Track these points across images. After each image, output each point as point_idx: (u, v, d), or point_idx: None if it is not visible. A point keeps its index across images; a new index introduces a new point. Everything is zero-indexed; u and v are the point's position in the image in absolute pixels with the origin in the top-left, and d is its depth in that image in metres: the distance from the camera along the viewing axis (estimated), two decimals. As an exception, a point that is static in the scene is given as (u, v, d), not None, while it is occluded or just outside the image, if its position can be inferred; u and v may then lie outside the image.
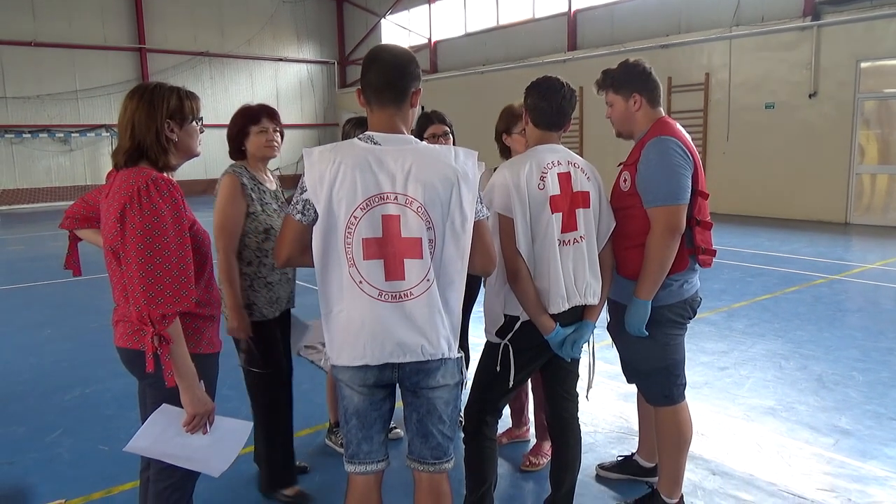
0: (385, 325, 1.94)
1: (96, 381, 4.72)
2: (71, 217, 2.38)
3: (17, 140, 19.62)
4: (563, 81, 2.58)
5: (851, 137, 11.69)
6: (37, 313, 6.91)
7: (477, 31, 19.86)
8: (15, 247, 12.27)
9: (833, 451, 3.46)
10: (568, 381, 2.74)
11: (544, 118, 2.57)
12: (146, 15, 21.47)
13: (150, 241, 1.90)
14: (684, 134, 2.67)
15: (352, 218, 1.92)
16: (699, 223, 2.65)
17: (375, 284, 1.94)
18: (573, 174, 2.52)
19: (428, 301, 1.97)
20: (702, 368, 4.70)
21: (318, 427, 3.88)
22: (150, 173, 1.99)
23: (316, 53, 25.32)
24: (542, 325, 2.48)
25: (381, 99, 2.01)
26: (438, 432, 2.09)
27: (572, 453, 2.75)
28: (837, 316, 5.99)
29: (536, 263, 2.48)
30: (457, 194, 1.97)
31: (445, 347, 2.02)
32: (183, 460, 2.10)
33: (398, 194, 1.93)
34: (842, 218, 11.92)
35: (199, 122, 2.18)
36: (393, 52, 2.05)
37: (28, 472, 3.44)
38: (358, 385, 2.03)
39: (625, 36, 15.39)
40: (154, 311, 1.87)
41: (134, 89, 2.10)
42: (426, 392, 2.06)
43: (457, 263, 2.01)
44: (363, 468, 2.09)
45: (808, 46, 12.05)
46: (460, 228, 1.99)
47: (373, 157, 1.94)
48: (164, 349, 1.89)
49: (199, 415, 2.04)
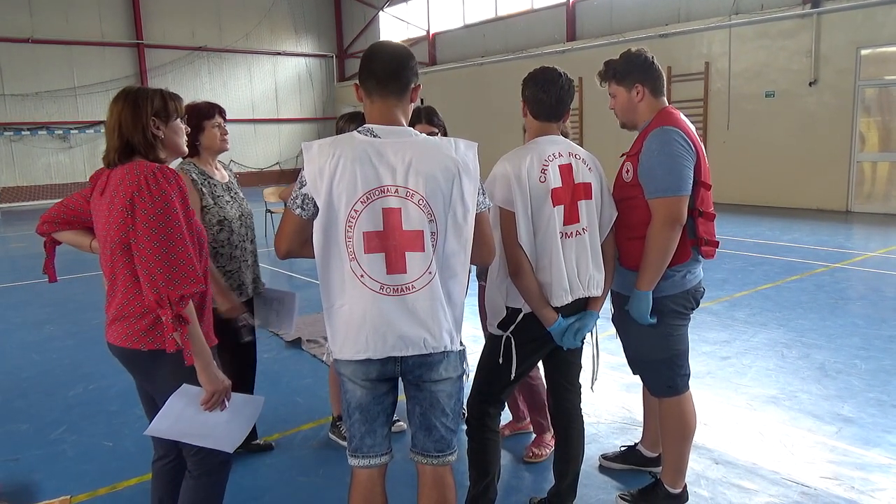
0: (387, 318, 1.94)
1: (99, 378, 4.73)
2: (49, 221, 2.32)
3: (17, 138, 19.58)
4: (561, 71, 2.57)
5: (852, 125, 11.65)
6: (38, 310, 6.92)
7: (475, 23, 19.76)
8: (16, 244, 12.28)
9: (836, 439, 3.46)
10: (570, 372, 2.74)
11: (544, 109, 2.56)
12: (143, 10, 21.37)
13: (163, 226, 1.97)
14: (688, 124, 2.65)
15: (352, 211, 1.92)
16: (702, 214, 2.64)
17: (377, 278, 1.94)
18: (574, 165, 2.51)
19: (430, 294, 1.97)
20: (704, 358, 4.70)
21: (321, 421, 3.89)
22: (152, 164, 2.06)
23: (314, 47, 25.22)
24: (545, 317, 2.49)
25: (385, 89, 2.01)
26: (442, 425, 2.10)
27: (575, 444, 2.76)
28: (839, 304, 5.99)
29: (538, 256, 2.47)
30: (458, 186, 1.97)
31: (448, 340, 2.02)
32: (199, 438, 2.19)
33: (399, 187, 1.93)
34: (843, 206, 11.91)
35: (184, 120, 2.26)
36: (395, 45, 2.08)
37: (33, 468, 3.45)
38: (361, 379, 2.03)
39: (624, 26, 15.33)
40: (173, 292, 1.94)
41: (117, 95, 2.16)
42: (429, 385, 2.06)
43: (459, 255, 2.01)
44: (367, 462, 2.10)
45: (807, 34, 12.00)
46: (462, 220, 1.99)
47: (372, 149, 1.94)
48: (183, 329, 1.97)
49: (217, 392, 2.12)
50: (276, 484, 3.24)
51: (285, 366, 4.95)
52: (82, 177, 20.75)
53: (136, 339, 2.08)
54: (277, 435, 3.73)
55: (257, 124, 23.70)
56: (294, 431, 3.79)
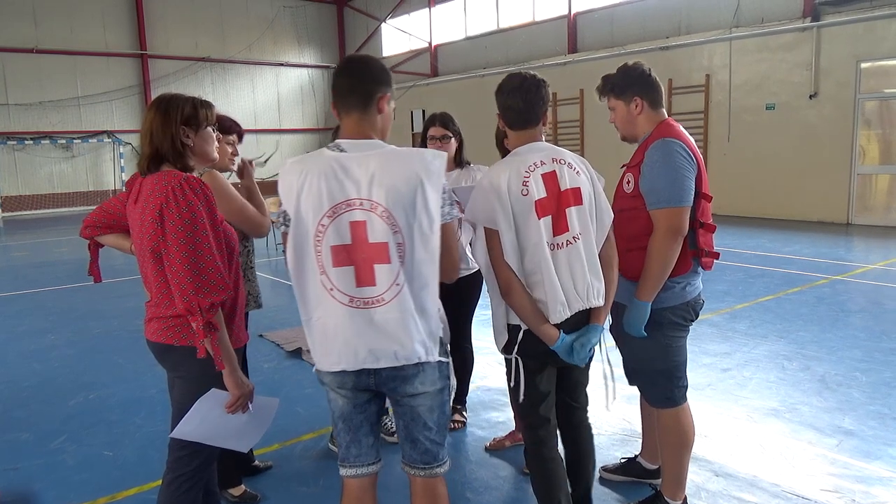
0: (357, 331, 1.96)
1: (100, 387, 4.74)
2: (91, 226, 2.45)
3: (20, 147, 19.67)
4: (526, 75, 2.47)
5: (852, 138, 11.68)
6: (40, 319, 6.93)
7: (477, 35, 19.88)
8: (18, 253, 12.30)
9: (837, 451, 3.46)
10: (576, 391, 2.65)
11: (516, 117, 2.47)
12: (147, 21, 21.52)
13: (191, 236, 2.05)
14: (688, 136, 2.67)
15: (319, 226, 1.94)
16: (702, 225, 2.65)
17: (346, 291, 1.96)
18: (559, 172, 2.39)
19: (399, 306, 1.96)
20: (705, 370, 4.70)
21: (321, 431, 3.89)
22: (179, 175, 2.12)
23: (317, 58, 25.36)
24: (544, 334, 2.36)
25: (346, 104, 2.04)
26: (425, 438, 2.10)
27: (585, 458, 2.70)
28: (840, 316, 5.98)
29: (529, 273, 2.37)
30: (421, 195, 1.94)
31: (422, 351, 2.00)
32: (221, 440, 2.28)
33: (363, 199, 1.93)
34: (843, 218, 11.92)
35: (215, 127, 2.35)
36: (358, 58, 2.10)
37: (33, 477, 3.45)
38: (339, 388, 2.07)
39: (625, 38, 15.40)
40: (203, 300, 2.02)
41: (153, 100, 2.25)
42: (406, 400, 2.07)
43: (429, 266, 1.98)
44: (353, 471, 2.13)
45: (808, 47, 12.06)
46: (428, 230, 1.96)
47: (338, 164, 1.95)
48: (213, 336, 2.05)
49: (243, 395, 2.22)
50: (276, 494, 3.23)
51: (286, 376, 4.95)
52: (84, 186, 20.83)
53: (169, 335, 2.19)
54: (277, 445, 3.72)
55: (259, 134, 23.81)
56: (294, 442, 3.79)
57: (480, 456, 3.57)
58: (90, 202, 19.98)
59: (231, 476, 3.14)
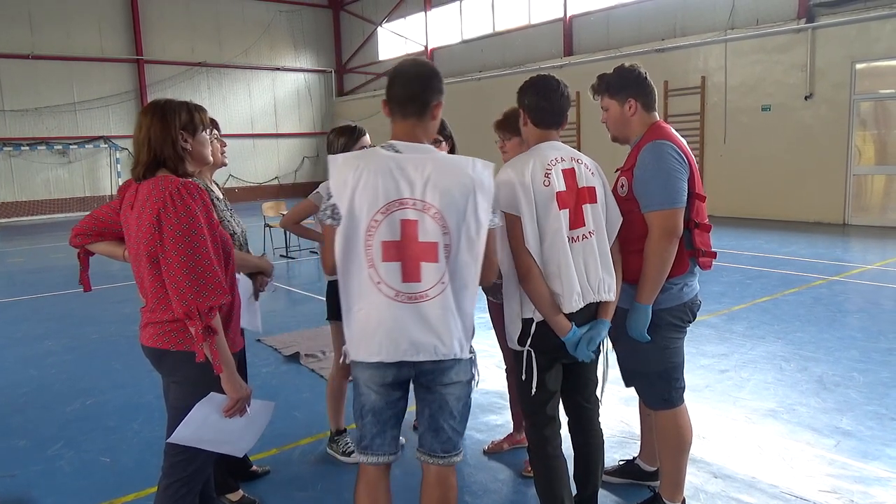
0: (400, 324, 2.05)
1: (97, 393, 4.72)
2: (81, 234, 2.43)
3: (16, 153, 19.62)
4: (559, 80, 2.58)
5: (848, 138, 11.71)
6: (37, 325, 6.91)
7: (473, 38, 19.91)
8: (14, 259, 12.28)
9: (835, 452, 3.46)
10: (587, 389, 2.69)
11: (545, 117, 2.55)
12: (144, 26, 21.50)
13: (189, 241, 2.05)
14: (679, 137, 2.68)
15: (372, 221, 2.03)
16: (697, 225, 2.66)
17: (392, 285, 2.05)
18: (577, 170, 2.50)
19: (442, 303, 2.07)
20: (702, 371, 4.70)
21: (319, 436, 3.88)
22: (176, 180, 2.13)
23: (313, 62, 25.37)
24: (557, 325, 2.42)
25: (404, 111, 2.15)
26: (449, 427, 2.20)
27: (594, 460, 2.71)
28: (837, 317, 5.99)
29: (547, 262, 2.43)
30: (472, 202, 2.07)
31: (458, 348, 2.12)
32: (218, 445, 2.28)
33: (417, 200, 2.04)
34: (840, 219, 11.94)
35: (209, 131, 2.36)
36: (416, 66, 2.21)
37: (30, 484, 3.44)
38: (376, 385, 2.14)
39: (621, 41, 15.44)
40: (202, 304, 2.03)
41: (146, 107, 2.24)
42: (440, 388, 2.16)
43: (471, 268, 2.10)
44: (375, 459, 2.21)
45: (803, 48, 12.10)
46: (475, 235, 2.08)
47: (394, 163, 2.05)
48: (211, 339, 2.06)
49: (241, 399, 2.23)
50: (274, 499, 3.22)
51: (283, 380, 4.94)
52: (81, 192, 20.79)
53: (165, 340, 2.18)
54: (275, 450, 3.72)
55: (256, 139, 23.79)
56: (292, 446, 3.78)
57: (479, 459, 3.57)
58: (87, 208, 19.91)
59: (228, 482, 3.14)
